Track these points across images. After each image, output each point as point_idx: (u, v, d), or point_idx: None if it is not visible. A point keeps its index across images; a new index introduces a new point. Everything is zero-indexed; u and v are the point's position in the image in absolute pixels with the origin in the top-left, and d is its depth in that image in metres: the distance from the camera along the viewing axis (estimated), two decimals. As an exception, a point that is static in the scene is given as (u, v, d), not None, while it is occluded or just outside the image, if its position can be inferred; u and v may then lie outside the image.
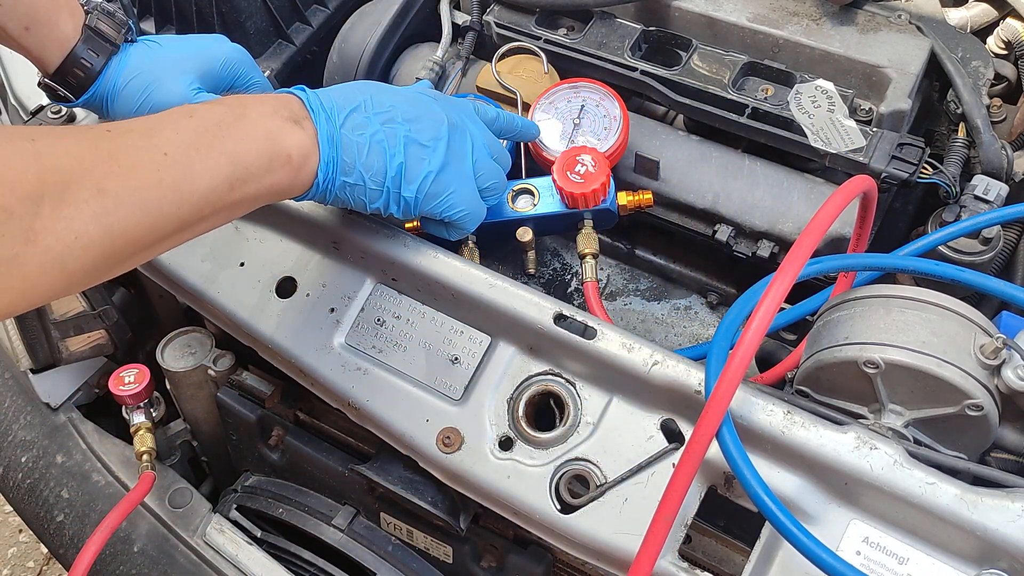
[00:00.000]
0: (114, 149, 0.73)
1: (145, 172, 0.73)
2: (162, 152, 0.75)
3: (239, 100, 0.85)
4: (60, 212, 0.67)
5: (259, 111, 0.84)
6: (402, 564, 1.14)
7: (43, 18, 0.97)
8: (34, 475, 1.30)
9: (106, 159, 0.72)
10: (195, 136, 0.78)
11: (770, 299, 0.74)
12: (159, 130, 0.77)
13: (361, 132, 0.89)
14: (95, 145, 0.72)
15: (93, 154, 0.71)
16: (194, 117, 0.80)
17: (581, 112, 1.13)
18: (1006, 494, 0.76)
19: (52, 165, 0.68)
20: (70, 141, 0.71)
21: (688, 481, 0.75)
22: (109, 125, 0.76)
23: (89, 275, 0.72)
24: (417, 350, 0.98)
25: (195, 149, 0.77)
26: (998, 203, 1.02)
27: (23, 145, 0.67)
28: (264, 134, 0.83)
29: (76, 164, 0.70)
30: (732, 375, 0.73)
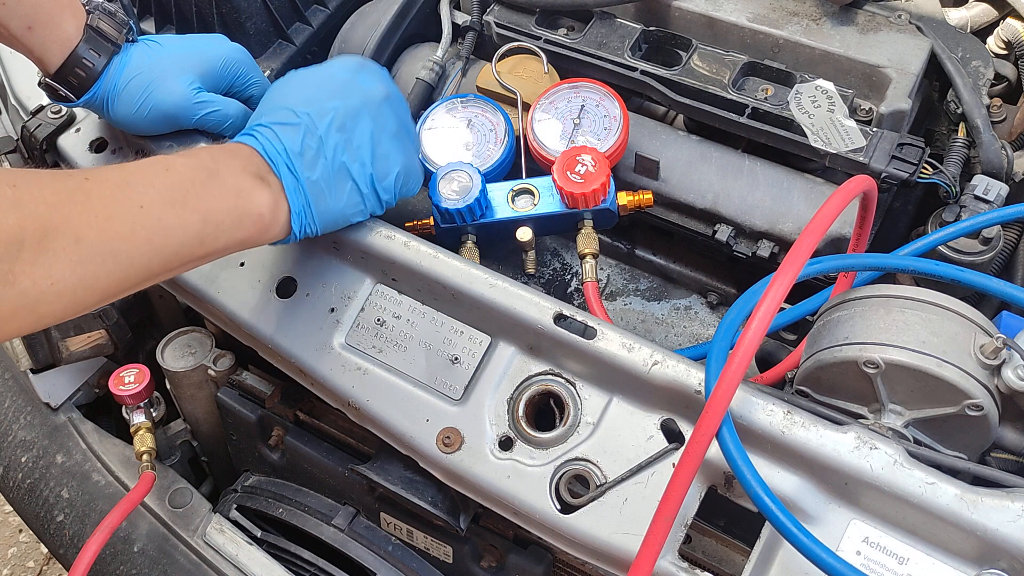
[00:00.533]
0: (92, 199, 0.74)
1: (121, 224, 0.75)
2: (138, 205, 0.77)
3: (211, 154, 0.87)
4: (39, 258, 0.69)
5: (230, 167, 0.86)
6: (402, 564, 1.14)
7: (46, 18, 0.97)
8: (34, 475, 1.30)
9: (84, 209, 0.73)
10: (170, 191, 0.80)
11: (770, 299, 0.74)
12: (135, 182, 0.79)
13: (320, 164, 0.91)
14: (73, 194, 0.73)
15: (71, 203, 0.72)
16: (170, 171, 0.81)
17: (581, 112, 1.13)
18: (1006, 494, 0.76)
19: (32, 212, 0.69)
20: (49, 189, 0.72)
21: (688, 481, 0.75)
22: (87, 172, 0.77)
23: (56, 319, 0.73)
24: (417, 350, 0.98)
25: (170, 204, 0.79)
26: (998, 203, 1.02)
27: (3, 191, 0.68)
28: (235, 192, 0.85)
29: (55, 212, 0.71)
30: (732, 375, 0.73)
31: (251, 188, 0.86)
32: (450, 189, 1.05)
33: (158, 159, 0.84)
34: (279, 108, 0.94)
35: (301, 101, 0.94)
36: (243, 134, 0.93)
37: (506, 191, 1.08)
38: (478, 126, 1.15)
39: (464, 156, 1.13)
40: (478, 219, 1.06)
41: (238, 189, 0.85)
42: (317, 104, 0.94)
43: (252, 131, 0.92)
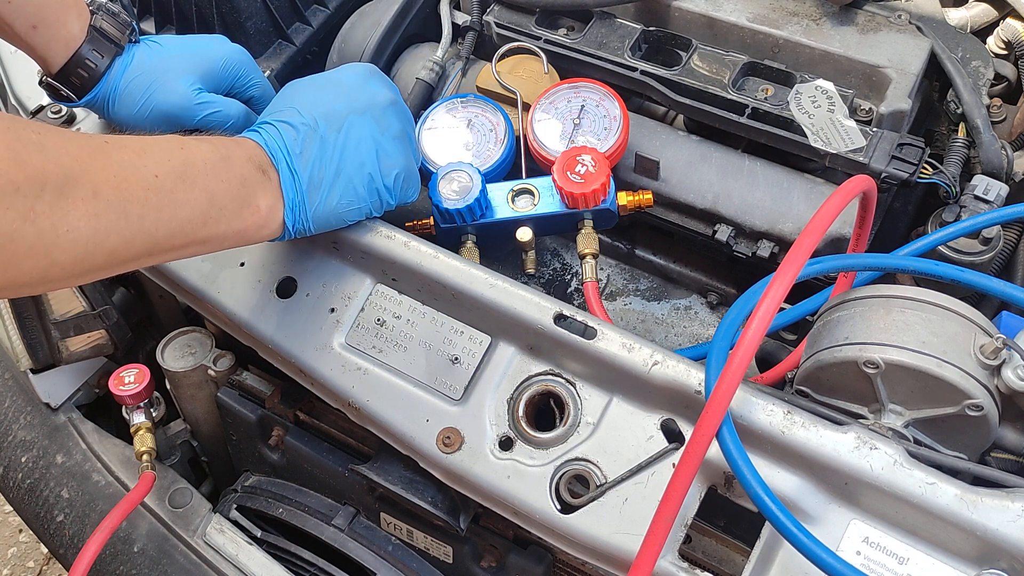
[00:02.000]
0: (111, 159, 0.76)
1: (135, 187, 0.76)
2: (153, 174, 0.78)
3: (221, 141, 0.89)
4: (59, 203, 0.69)
5: (238, 155, 0.88)
6: (402, 564, 1.14)
7: (51, 17, 0.97)
8: (34, 475, 1.30)
9: (103, 166, 0.74)
10: (183, 167, 0.81)
11: (770, 299, 0.74)
12: (152, 153, 0.80)
13: (318, 162, 0.93)
14: (95, 151, 0.75)
15: (92, 158, 0.74)
16: (184, 149, 0.83)
17: (581, 112, 1.13)
18: (1006, 494, 0.76)
19: (56, 158, 0.70)
20: (72, 143, 0.73)
21: (688, 481, 0.75)
22: (106, 137, 0.79)
23: (64, 272, 0.73)
24: (417, 350, 0.98)
25: (181, 179, 0.80)
26: (998, 203, 1.02)
27: (29, 135, 0.69)
28: (240, 180, 0.87)
29: (76, 164, 0.71)
30: (732, 375, 0.73)
31: (254, 179, 0.88)
32: (450, 189, 1.05)
33: (174, 137, 0.85)
34: (286, 108, 0.95)
35: (308, 102, 0.95)
36: (250, 130, 0.94)
37: (506, 191, 1.08)
38: (478, 126, 1.15)
39: (464, 156, 1.13)
40: (478, 219, 1.07)
41: (243, 177, 0.87)
42: (322, 105, 0.95)
43: (258, 127, 0.94)
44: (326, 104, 0.96)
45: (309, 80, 1.01)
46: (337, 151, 0.94)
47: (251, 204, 0.88)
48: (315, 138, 0.93)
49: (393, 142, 0.99)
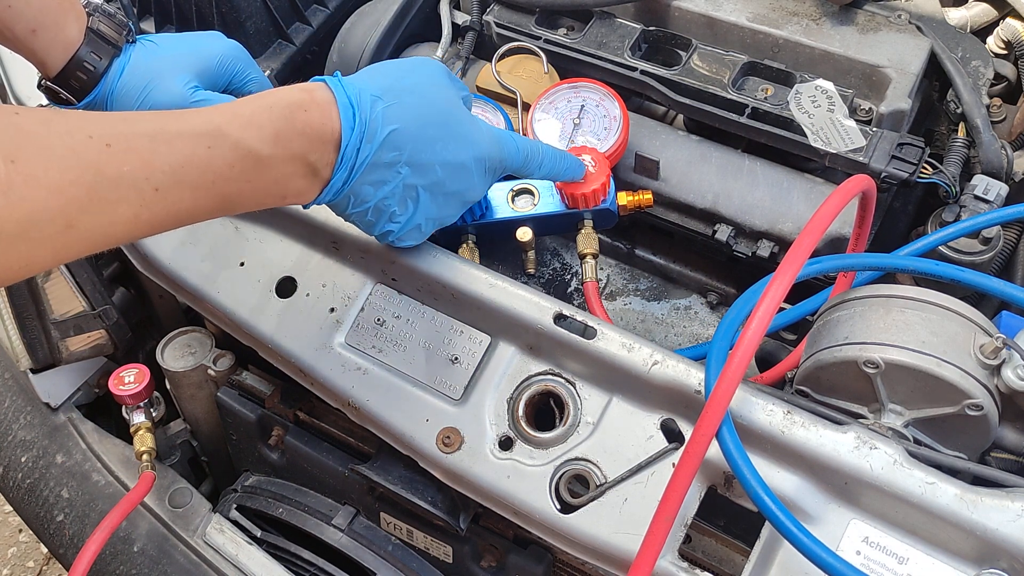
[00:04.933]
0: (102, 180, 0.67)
1: (126, 209, 0.68)
2: (153, 187, 0.70)
3: (282, 124, 0.77)
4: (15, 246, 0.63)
5: (290, 151, 0.77)
6: (402, 564, 1.14)
7: (51, 21, 0.97)
8: (34, 475, 1.30)
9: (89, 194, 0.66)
10: (199, 175, 0.73)
11: (769, 299, 0.74)
12: (163, 157, 0.71)
13: (377, 188, 0.84)
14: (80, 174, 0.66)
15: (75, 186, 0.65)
16: (212, 150, 0.73)
17: (581, 112, 1.13)
18: (1006, 494, 0.76)
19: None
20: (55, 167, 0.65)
21: (688, 481, 0.75)
22: (111, 135, 0.69)
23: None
24: (417, 350, 0.98)
25: (191, 188, 0.72)
26: (998, 203, 1.02)
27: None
28: (275, 180, 0.78)
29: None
30: (732, 375, 0.73)
31: (294, 177, 0.79)
32: None
33: (210, 127, 0.74)
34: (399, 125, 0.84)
35: (422, 138, 0.85)
36: (347, 104, 0.81)
37: (506, 191, 1.08)
38: None
39: None
40: (478, 219, 1.06)
41: (280, 176, 0.78)
42: (429, 153, 0.85)
43: (356, 103, 0.81)
44: (432, 142, 0.85)
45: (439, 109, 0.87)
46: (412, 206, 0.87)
47: (277, 196, 0.80)
48: (397, 177, 0.84)
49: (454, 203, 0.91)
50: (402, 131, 0.83)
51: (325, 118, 0.79)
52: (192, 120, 0.74)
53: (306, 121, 0.78)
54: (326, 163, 0.81)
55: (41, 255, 0.65)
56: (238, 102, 0.79)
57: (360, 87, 0.82)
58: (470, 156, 0.88)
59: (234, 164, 0.74)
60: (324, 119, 0.79)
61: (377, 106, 0.82)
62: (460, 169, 0.88)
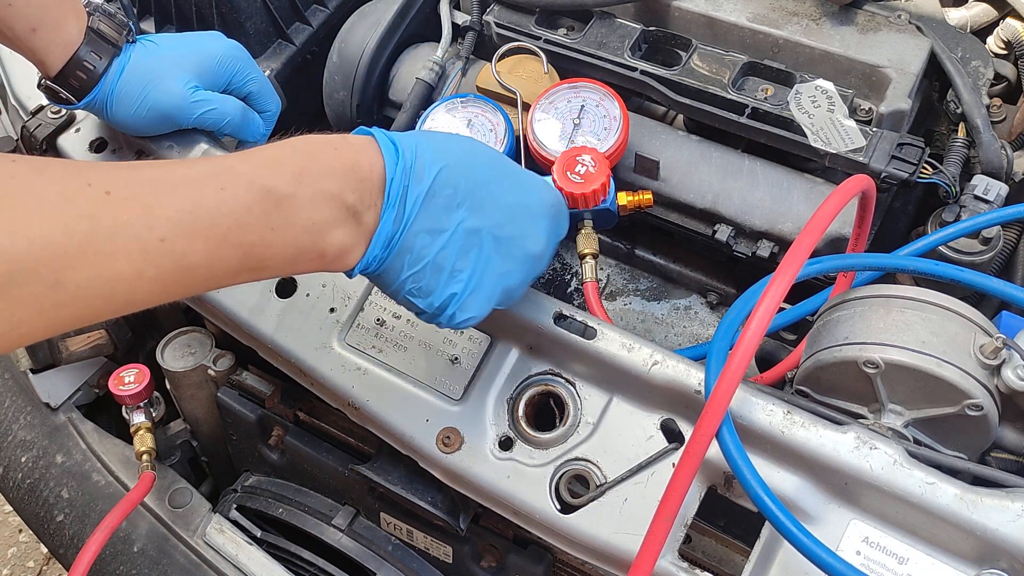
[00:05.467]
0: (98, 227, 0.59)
1: (126, 264, 0.61)
2: (159, 238, 0.61)
3: (305, 162, 0.69)
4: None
5: (318, 189, 0.68)
6: (402, 564, 1.14)
7: (51, 20, 0.97)
8: (34, 475, 1.30)
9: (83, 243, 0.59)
10: (210, 221, 0.64)
11: (769, 299, 0.74)
12: (166, 201, 0.63)
13: (435, 237, 0.75)
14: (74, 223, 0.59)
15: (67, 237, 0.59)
16: (225, 191, 0.65)
17: (581, 112, 1.13)
18: (1006, 494, 0.76)
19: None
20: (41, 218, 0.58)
21: (688, 481, 0.75)
22: (112, 182, 0.62)
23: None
24: (417, 350, 0.98)
25: (203, 238, 0.63)
26: (998, 203, 1.02)
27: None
28: (305, 227, 0.68)
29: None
30: (732, 375, 0.73)
31: (329, 222, 0.69)
32: None
33: (220, 168, 0.66)
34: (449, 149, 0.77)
35: (473, 179, 0.77)
36: (387, 141, 0.74)
37: None
38: (478, 126, 1.15)
39: None
40: None
41: (311, 223, 0.69)
42: (484, 183, 0.78)
43: (396, 141, 0.74)
44: (495, 197, 0.78)
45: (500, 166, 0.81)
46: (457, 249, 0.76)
47: (311, 252, 0.70)
48: (456, 220, 0.75)
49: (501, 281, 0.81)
50: (453, 167, 0.75)
51: (361, 156, 0.72)
52: (203, 163, 0.68)
53: (336, 158, 0.70)
54: (369, 204, 0.71)
55: (26, 315, 0.57)
56: (260, 147, 0.71)
57: (396, 134, 0.75)
58: (531, 199, 0.81)
59: (251, 207, 0.65)
60: (359, 155, 0.72)
61: (421, 147, 0.74)
62: (522, 210, 0.80)
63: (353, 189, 0.70)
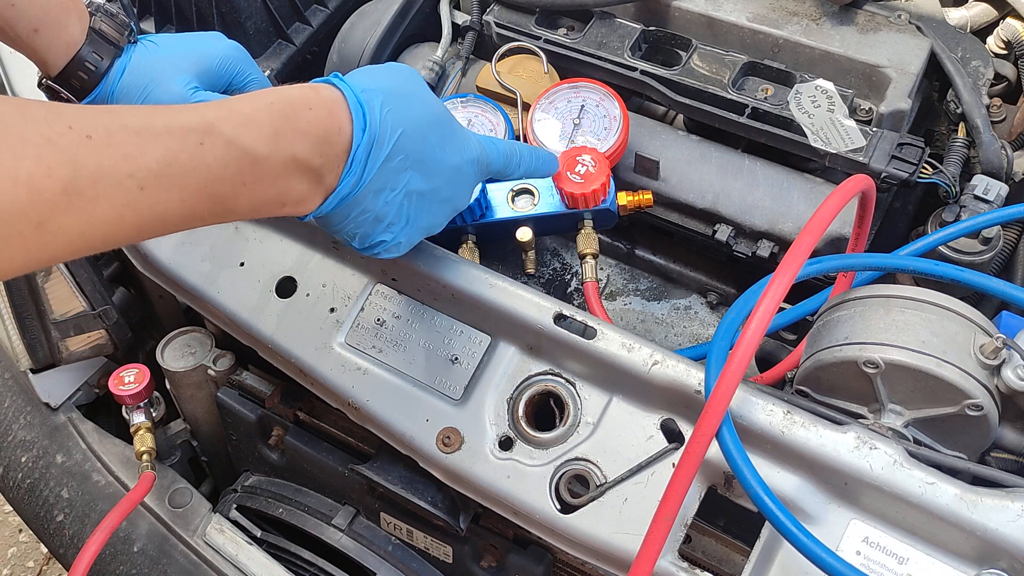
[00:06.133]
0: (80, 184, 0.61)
1: (107, 207, 0.63)
2: (138, 186, 0.64)
3: (281, 121, 0.72)
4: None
5: (290, 152, 0.73)
6: (402, 564, 1.14)
7: (53, 20, 0.97)
8: (34, 475, 1.30)
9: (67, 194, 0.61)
10: (184, 176, 0.67)
11: (769, 299, 0.74)
12: (148, 154, 0.65)
13: (380, 195, 0.81)
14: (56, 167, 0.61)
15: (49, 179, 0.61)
16: (204, 147, 0.68)
17: (581, 112, 1.13)
18: (1006, 494, 0.76)
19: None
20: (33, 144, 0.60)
21: (688, 481, 0.75)
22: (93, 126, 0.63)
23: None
24: (417, 350, 0.98)
25: (179, 188, 0.67)
26: (998, 203, 1.02)
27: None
28: (272, 183, 0.73)
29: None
30: (732, 375, 0.73)
31: (295, 181, 0.74)
32: None
33: (200, 122, 0.69)
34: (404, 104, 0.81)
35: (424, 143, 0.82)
36: (356, 103, 0.77)
37: (506, 191, 1.08)
38: (478, 126, 1.15)
39: None
40: (478, 219, 1.06)
41: (279, 180, 0.73)
42: (433, 147, 0.83)
43: (365, 104, 0.78)
44: (437, 157, 0.84)
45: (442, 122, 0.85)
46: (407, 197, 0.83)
47: (273, 204, 0.75)
48: (401, 183, 0.81)
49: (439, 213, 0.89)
50: (408, 134, 0.80)
51: (332, 118, 0.76)
52: (183, 115, 0.69)
53: (310, 120, 0.74)
54: (331, 165, 0.76)
55: (10, 254, 0.59)
56: (237, 98, 0.74)
57: (366, 86, 0.79)
58: (466, 159, 0.88)
59: (228, 164, 0.70)
60: (331, 119, 0.76)
61: (385, 108, 0.79)
62: (458, 173, 0.87)
63: (321, 153, 0.75)
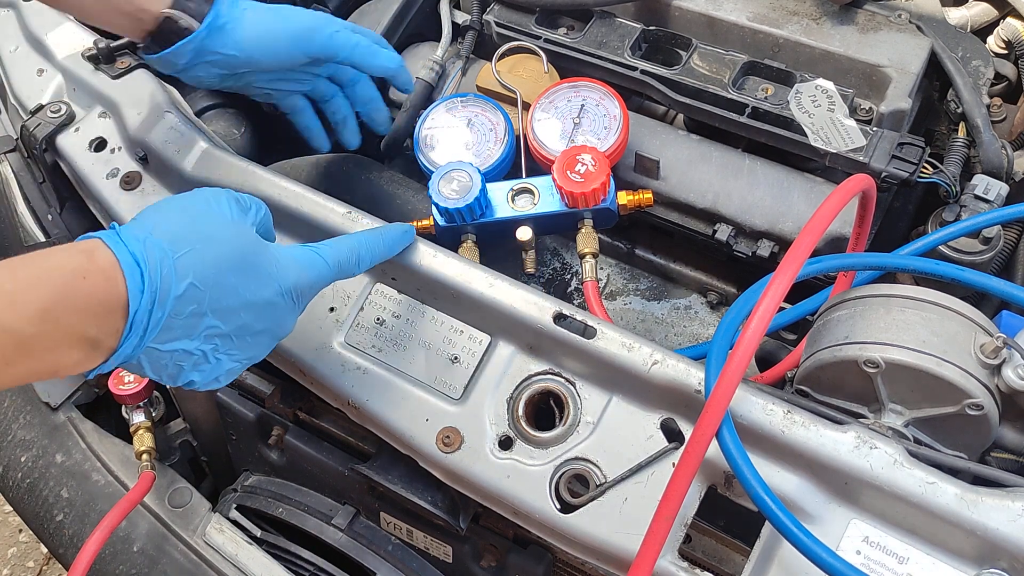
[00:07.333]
0: None
1: None
2: None
3: (44, 305, 0.66)
4: None
5: (61, 328, 0.67)
6: (402, 564, 1.14)
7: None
8: (34, 475, 1.30)
9: None
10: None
11: (769, 298, 0.74)
12: None
13: (175, 344, 0.75)
14: None
15: None
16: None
17: (581, 112, 1.13)
18: (1006, 493, 0.76)
19: None
20: None
21: (688, 480, 0.75)
22: None
23: None
24: (417, 350, 0.98)
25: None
26: (998, 202, 1.02)
27: None
28: (41, 359, 0.68)
29: None
30: (732, 374, 0.73)
31: (67, 352, 0.69)
32: (450, 188, 1.05)
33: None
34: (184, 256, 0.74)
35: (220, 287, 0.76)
36: (131, 264, 0.71)
37: (506, 191, 1.08)
38: (478, 125, 1.15)
39: (464, 155, 1.13)
40: (478, 218, 1.07)
41: (49, 355, 0.68)
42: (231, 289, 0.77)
43: (143, 261, 0.71)
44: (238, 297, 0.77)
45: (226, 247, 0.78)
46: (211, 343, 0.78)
47: (44, 374, 0.69)
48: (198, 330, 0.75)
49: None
50: (199, 282, 0.74)
51: (109, 284, 0.70)
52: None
53: (86, 292, 0.68)
54: (110, 332, 0.70)
55: None
56: (7, 269, 0.68)
57: (145, 239, 0.73)
58: (275, 292, 0.80)
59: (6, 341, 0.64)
60: (108, 285, 0.70)
61: (167, 261, 0.73)
62: (267, 307, 0.80)
63: (97, 324, 0.69)
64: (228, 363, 0.80)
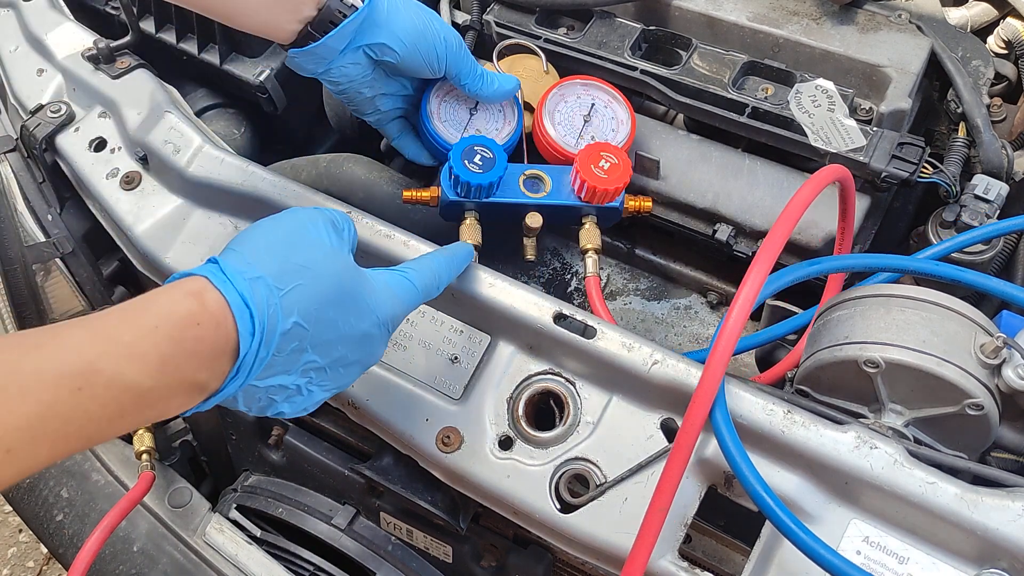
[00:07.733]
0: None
1: None
2: (5, 448, 0.57)
3: (161, 356, 0.65)
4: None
5: (177, 377, 0.66)
6: (402, 564, 1.14)
7: None
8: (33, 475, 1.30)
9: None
10: (58, 427, 0.59)
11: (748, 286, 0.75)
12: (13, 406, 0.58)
13: (273, 380, 0.74)
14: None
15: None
16: (82, 391, 0.60)
17: (592, 110, 1.13)
18: (1006, 493, 0.76)
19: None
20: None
21: (682, 466, 0.75)
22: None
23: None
24: (417, 349, 0.98)
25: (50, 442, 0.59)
26: (998, 203, 1.02)
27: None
28: (152, 407, 0.66)
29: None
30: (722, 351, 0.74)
31: (178, 400, 0.68)
32: (474, 162, 1.03)
33: (78, 365, 0.61)
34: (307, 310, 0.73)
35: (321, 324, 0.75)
36: (242, 306, 0.69)
37: (517, 174, 1.07)
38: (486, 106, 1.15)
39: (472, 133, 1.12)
40: (494, 196, 1.05)
41: (161, 404, 0.66)
42: (331, 324, 0.76)
43: (252, 303, 0.69)
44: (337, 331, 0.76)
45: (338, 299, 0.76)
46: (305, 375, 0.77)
47: (153, 418, 0.67)
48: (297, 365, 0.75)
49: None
50: (303, 321, 0.73)
51: (220, 330, 0.68)
52: (58, 356, 0.60)
53: (198, 338, 0.67)
54: (218, 375, 0.69)
55: None
56: (115, 321, 0.65)
57: (252, 276, 0.71)
58: (372, 323, 0.79)
59: (107, 403, 0.62)
60: (219, 331, 0.68)
61: (273, 299, 0.71)
62: (363, 339, 0.79)
63: (208, 369, 0.68)
64: (319, 394, 0.79)
